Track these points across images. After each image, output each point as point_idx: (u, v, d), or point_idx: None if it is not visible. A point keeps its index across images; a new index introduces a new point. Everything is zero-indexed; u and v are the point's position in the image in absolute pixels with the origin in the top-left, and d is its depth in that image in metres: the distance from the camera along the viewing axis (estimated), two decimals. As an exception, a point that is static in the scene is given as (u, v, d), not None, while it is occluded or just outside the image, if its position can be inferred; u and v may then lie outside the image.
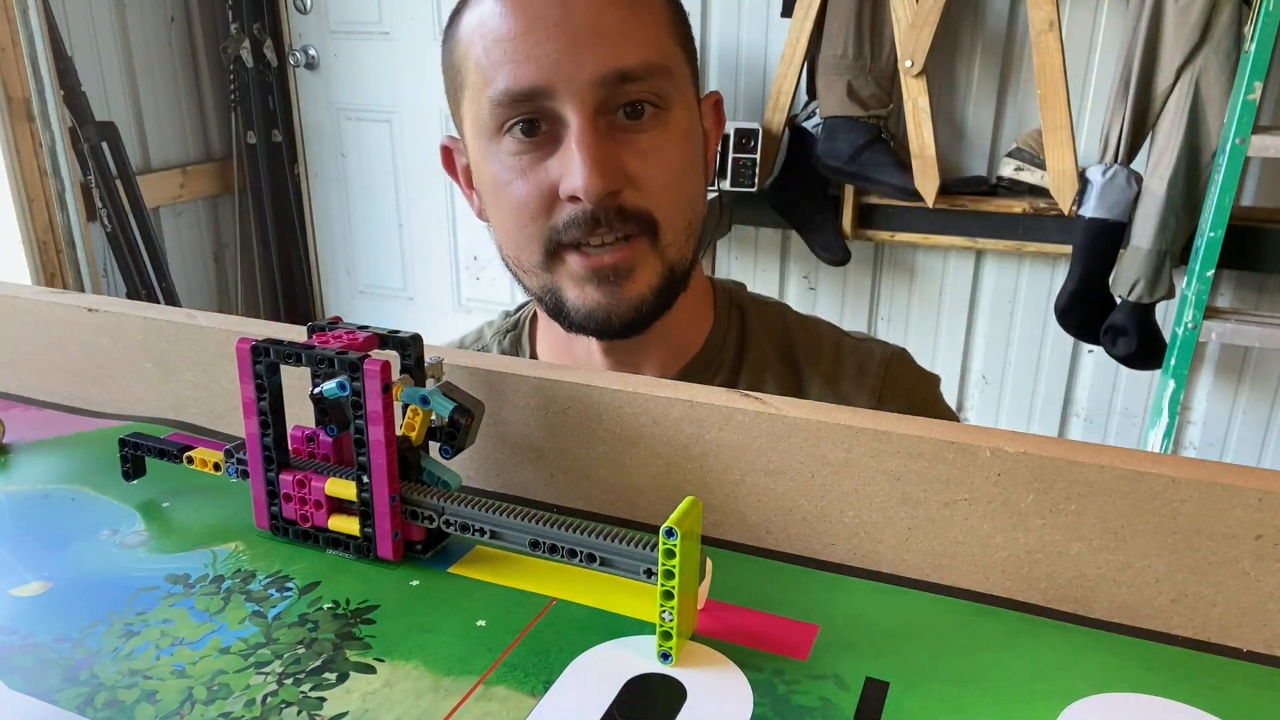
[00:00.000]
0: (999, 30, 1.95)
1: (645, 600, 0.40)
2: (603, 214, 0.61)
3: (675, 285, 0.66)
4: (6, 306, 0.62)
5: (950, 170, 2.00)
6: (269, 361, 0.43)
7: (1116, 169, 1.72)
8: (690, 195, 0.66)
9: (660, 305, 0.66)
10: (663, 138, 0.63)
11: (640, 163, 0.62)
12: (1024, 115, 1.97)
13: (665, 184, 0.63)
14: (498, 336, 0.79)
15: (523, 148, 0.62)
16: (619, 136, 0.61)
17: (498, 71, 0.60)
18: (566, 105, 0.60)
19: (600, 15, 0.59)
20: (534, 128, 0.61)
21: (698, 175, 0.67)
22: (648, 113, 0.62)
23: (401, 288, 2.76)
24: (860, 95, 1.89)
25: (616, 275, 0.63)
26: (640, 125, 0.62)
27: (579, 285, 0.64)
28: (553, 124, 0.61)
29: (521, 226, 0.64)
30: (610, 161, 0.60)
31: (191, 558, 0.44)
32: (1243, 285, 1.91)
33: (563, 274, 0.64)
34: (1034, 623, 0.40)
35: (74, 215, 2.24)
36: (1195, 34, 1.61)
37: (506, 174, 0.63)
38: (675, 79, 0.63)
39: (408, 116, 2.55)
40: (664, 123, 0.63)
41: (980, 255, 2.07)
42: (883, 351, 0.75)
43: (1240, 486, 0.37)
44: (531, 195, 0.62)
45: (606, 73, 0.59)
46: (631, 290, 0.64)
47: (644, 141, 0.62)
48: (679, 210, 0.64)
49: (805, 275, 2.22)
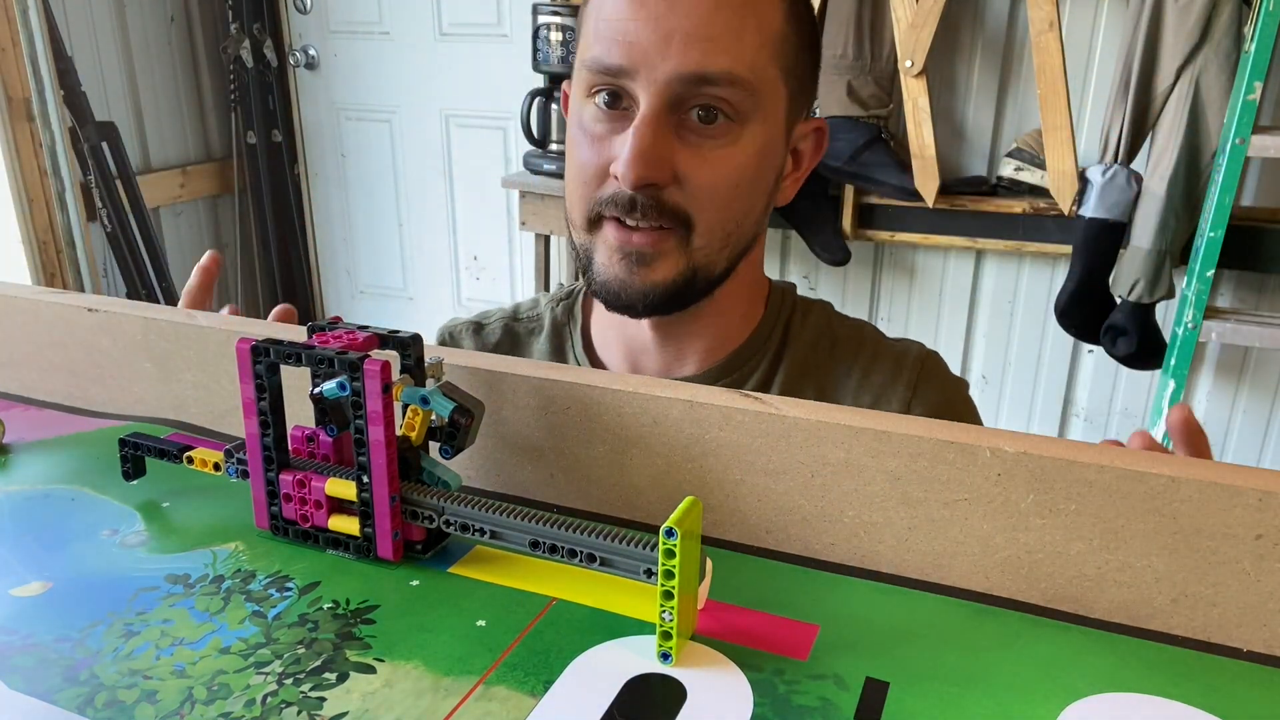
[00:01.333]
0: (999, 30, 1.95)
1: (645, 600, 0.40)
2: (640, 199, 0.64)
3: (697, 287, 0.68)
4: (6, 306, 0.62)
5: (950, 170, 2.00)
6: (269, 361, 0.43)
7: (1116, 169, 1.72)
8: (738, 210, 0.67)
9: (672, 300, 0.68)
10: (728, 149, 0.64)
11: (694, 165, 0.64)
12: (1024, 115, 1.97)
13: (713, 191, 0.65)
14: (551, 304, 0.82)
15: (601, 116, 0.66)
16: (685, 135, 0.64)
17: (597, 41, 0.64)
18: (641, 90, 0.63)
19: (702, 18, 0.62)
20: (616, 100, 0.65)
21: (755, 194, 0.68)
22: (720, 121, 0.64)
23: (401, 288, 2.76)
24: (860, 95, 1.89)
25: (640, 257, 0.66)
26: (710, 131, 0.64)
27: (608, 254, 0.67)
28: (631, 104, 0.64)
29: (576, 187, 0.68)
30: (659, 154, 0.63)
31: (191, 558, 0.44)
32: (1243, 285, 1.91)
33: (599, 240, 0.68)
34: (1034, 623, 0.40)
35: (74, 215, 2.24)
36: (1195, 34, 1.61)
37: (581, 135, 0.67)
38: (760, 98, 0.64)
39: (408, 116, 2.55)
40: (734, 135, 0.64)
41: (980, 255, 2.07)
42: (919, 350, 0.77)
43: (1240, 486, 0.37)
44: (590, 162, 0.66)
45: (686, 72, 0.62)
46: (648, 276, 0.66)
47: (707, 147, 0.64)
48: (720, 220, 0.66)
49: (805, 275, 2.22)
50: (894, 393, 0.74)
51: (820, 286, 2.21)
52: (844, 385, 0.75)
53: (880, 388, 0.74)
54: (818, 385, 0.75)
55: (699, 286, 0.68)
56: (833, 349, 0.77)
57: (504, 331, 0.82)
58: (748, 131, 0.65)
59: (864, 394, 0.74)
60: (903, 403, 0.74)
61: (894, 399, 0.74)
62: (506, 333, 0.81)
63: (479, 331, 0.82)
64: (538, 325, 0.81)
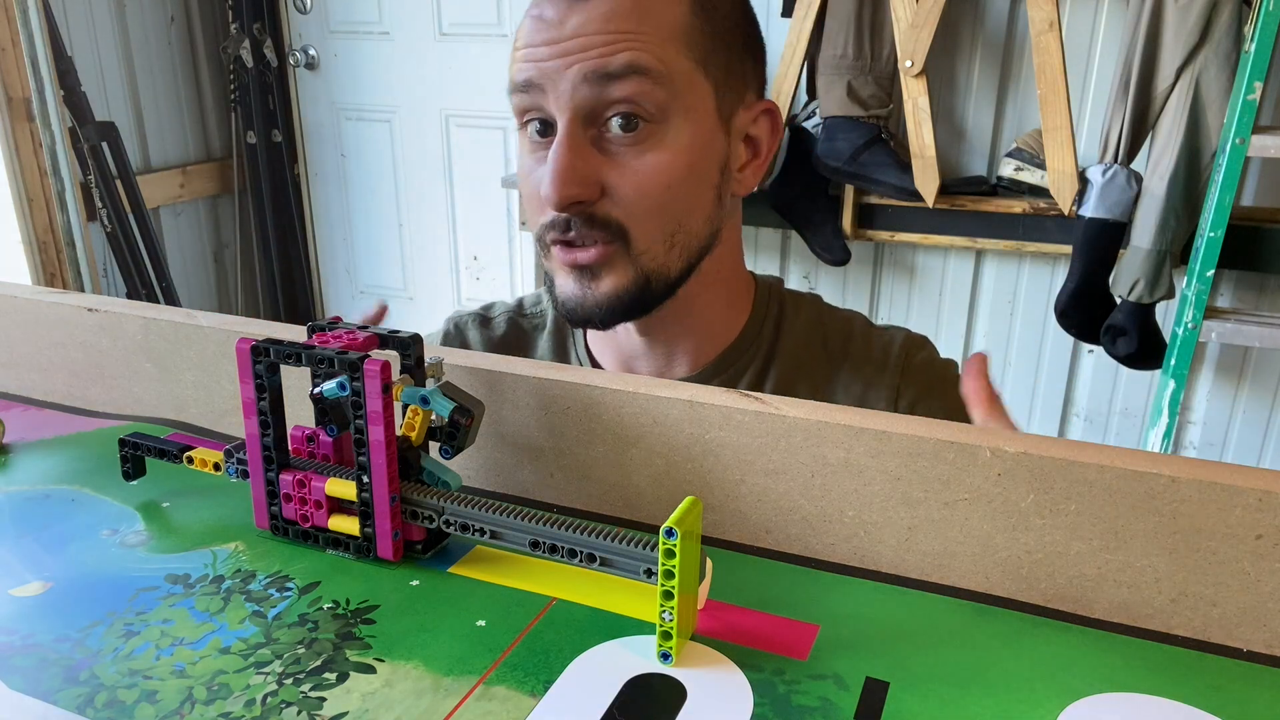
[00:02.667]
0: (999, 30, 1.95)
1: (645, 600, 0.40)
2: (572, 220, 0.64)
3: (654, 291, 0.67)
4: (6, 306, 0.62)
5: (950, 170, 2.00)
6: (269, 361, 0.43)
7: (1116, 169, 1.72)
8: (677, 211, 0.66)
9: (631, 307, 0.67)
10: (653, 154, 0.63)
11: (619, 175, 0.63)
12: (1024, 115, 1.97)
13: (642, 197, 0.64)
14: None
15: (535, 145, 0.67)
16: (606, 148, 0.63)
17: (513, 67, 0.66)
18: (554, 108, 0.63)
19: (597, 24, 0.62)
20: (547, 129, 0.65)
21: (695, 192, 0.67)
22: (640, 127, 0.63)
23: (401, 288, 2.76)
24: (860, 95, 1.89)
25: (589, 271, 0.66)
26: (631, 139, 0.63)
27: (563, 274, 0.68)
28: (554, 130, 0.64)
29: (528, 218, 0.70)
30: (580, 171, 0.62)
31: (191, 558, 0.44)
32: (1243, 285, 1.91)
33: (553, 262, 0.69)
34: (1034, 623, 0.40)
35: (74, 215, 2.24)
36: (1195, 34, 1.61)
37: (522, 167, 0.69)
38: (676, 91, 0.63)
39: (408, 116, 2.55)
40: (657, 137, 0.63)
41: (980, 255, 2.07)
42: (905, 335, 0.78)
43: (1240, 486, 0.37)
44: (530, 195, 0.67)
45: (588, 70, 0.61)
46: (599, 288, 0.66)
47: (630, 155, 0.63)
48: (657, 225, 0.65)
49: (805, 275, 2.22)
50: (883, 378, 0.75)
51: (820, 286, 2.21)
52: (836, 377, 0.75)
53: (869, 376, 0.75)
54: (811, 379, 0.75)
55: (656, 290, 0.67)
56: (825, 342, 0.77)
57: (509, 325, 0.82)
58: (671, 131, 0.63)
59: (854, 383, 0.75)
60: (891, 388, 0.74)
61: (883, 384, 0.74)
62: (512, 326, 0.82)
63: (485, 324, 0.83)
64: (541, 321, 0.82)
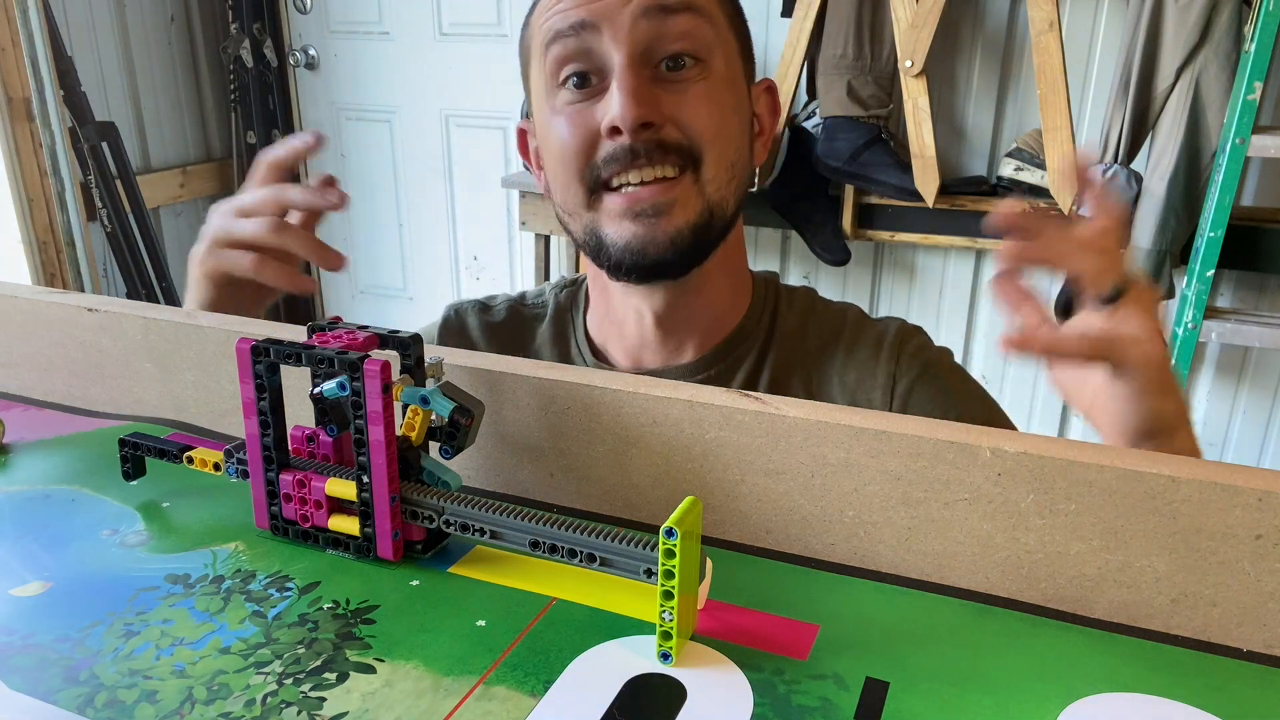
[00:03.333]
0: (999, 30, 1.95)
1: (645, 600, 0.40)
2: (641, 147, 0.64)
3: (714, 228, 0.68)
4: (6, 306, 0.62)
5: (950, 170, 2.00)
6: (269, 361, 0.43)
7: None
8: (732, 138, 0.68)
9: (697, 247, 0.67)
10: (705, 84, 0.66)
11: (681, 105, 0.65)
12: (1024, 115, 1.97)
13: (708, 120, 0.66)
14: (555, 290, 0.83)
15: (574, 97, 0.66)
16: (662, 84, 0.65)
17: (549, 20, 0.66)
18: (609, 44, 0.64)
19: None
20: (585, 80, 0.66)
21: (740, 124, 0.70)
22: (689, 65, 0.65)
23: (401, 288, 2.76)
24: (860, 95, 1.89)
25: (655, 209, 0.65)
26: (681, 75, 0.65)
27: (617, 221, 0.67)
28: (602, 75, 0.65)
29: (565, 165, 0.67)
30: (649, 97, 0.64)
31: (191, 558, 0.44)
32: (1243, 285, 1.91)
33: (602, 212, 0.68)
34: (1034, 623, 0.40)
35: (74, 215, 2.24)
36: (1195, 34, 1.61)
37: (557, 120, 0.67)
38: (715, 26, 0.66)
39: (408, 116, 2.55)
40: (704, 70, 0.66)
41: (980, 255, 2.07)
42: (899, 325, 0.78)
43: (1240, 486, 0.37)
44: (576, 135, 0.66)
45: (647, 5, 0.63)
46: (668, 225, 0.66)
47: (686, 89, 0.65)
48: (723, 149, 0.67)
49: (805, 275, 2.22)
50: (878, 367, 0.75)
51: (820, 286, 2.21)
52: (830, 366, 0.76)
53: (863, 364, 0.75)
54: (805, 369, 0.75)
55: (716, 227, 0.68)
56: (819, 331, 0.77)
57: (509, 313, 0.82)
58: (714, 66, 0.67)
59: (849, 371, 0.75)
60: (888, 375, 0.74)
61: (879, 373, 0.74)
62: (512, 313, 0.82)
63: (485, 311, 0.82)
64: (542, 311, 0.82)
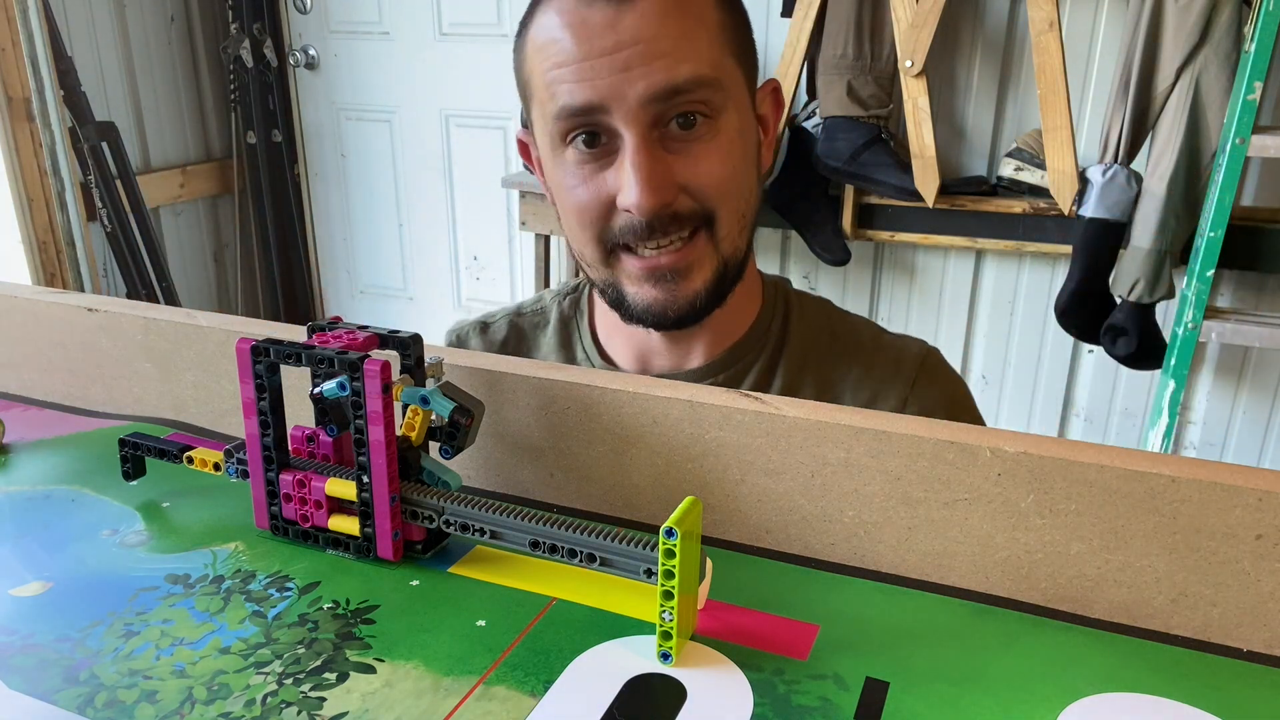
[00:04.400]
0: (999, 30, 1.95)
1: (645, 600, 0.40)
2: (657, 222, 0.65)
3: (729, 278, 0.70)
4: (6, 306, 0.62)
5: (950, 170, 2.00)
6: (269, 361, 0.43)
7: (1116, 169, 1.72)
8: (743, 189, 0.69)
9: (715, 298, 0.70)
10: (714, 143, 0.66)
11: (693, 169, 0.66)
12: (1024, 115, 1.97)
13: (718, 184, 0.67)
14: (557, 298, 0.83)
15: (584, 157, 0.67)
16: (672, 146, 0.65)
17: (558, 90, 0.65)
18: (620, 122, 0.64)
19: (650, 38, 0.63)
20: (594, 139, 0.66)
21: (749, 169, 0.71)
22: (699, 122, 0.65)
23: (401, 288, 2.76)
24: (860, 95, 1.89)
25: (674, 274, 0.68)
26: (693, 134, 0.65)
27: (637, 283, 0.69)
28: (611, 137, 0.65)
29: (584, 228, 0.69)
30: (662, 175, 0.64)
31: (191, 558, 0.44)
32: (1243, 285, 1.91)
33: (621, 271, 0.69)
34: (1034, 623, 0.40)
35: (74, 215, 2.24)
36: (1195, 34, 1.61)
37: (570, 179, 0.68)
38: (726, 88, 0.66)
39: (408, 116, 2.55)
40: (715, 129, 0.66)
41: (980, 255, 2.07)
42: (919, 348, 0.78)
43: (1240, 486, 0.37)
44: (592, 201, 0.67)
45: (656, 91, 0.63)
46: (687, 288, 0.68)
47: (697, 149, 0.66)
48: (734, 203, 0.68)
49: (805, 275, 2.22)
50: (892, 389, 0.74)
51: (820, 286, 2.21)
52: (844, 381, 0.75)
53: (879, 383, 0.75)
54: (817, 379, 0.75)
55: (730, 275, 0.70)
56: (832, 344, 0.77)
57: (510, 327, 0.82)
58: (724, 121, 0.67)
59: (863, 390, 0.75)
60: (900, 399, 0.74)
61: (892, 395, 0.74)
62: (512, 329, 0.82)
63: (485, 331, 0.83)
64: (543, 319, 0.82)
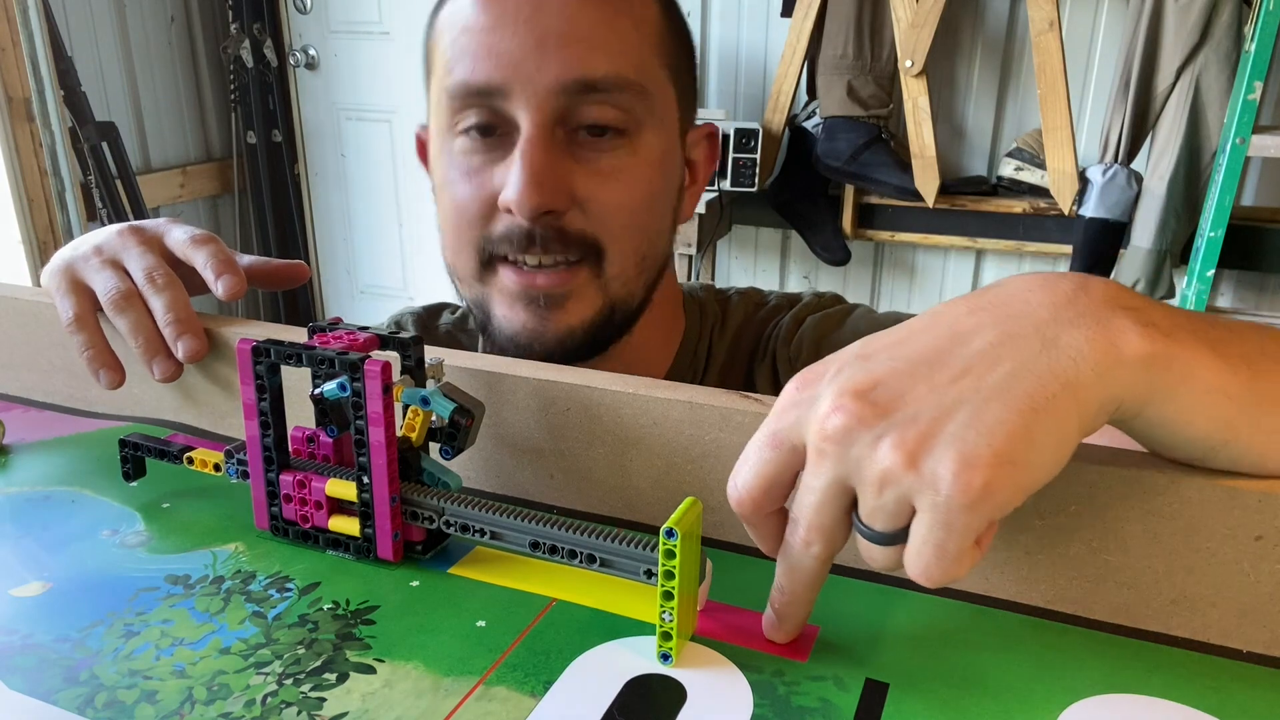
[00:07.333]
0: (999, 30, 1.95)
1: (645, 601, 0.40)
2: (538, 232, 0.56)
3: (615, 323, 0.61)
4: (6, 306, 0.62)
5: (950, 170, 2.01)
6: (269, 362, 0.43)
7: (1116, 169, 1.72)
8: (650, 229, 0.60)
9: (592, 343, 0.60)
10: (627, 161, 0.57)
11: (594, 185, 0.57)
12: (1024, 115, 1.97)
13: (619, 209, 0.58)
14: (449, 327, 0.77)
15: (474, 148, 0.58)
16: (576, 153, 0.57)
17: (458, 62, 0.56)
18: (520, 109, 0.55)
19: (575, 18, 0.55)
20: (489, 129, 0.57)
21: (663, 209, 0.61)
22: (610, 135, 0.57)
23: (401, 288, 2.76)
24: (860, 95, 1.89)
25: (548, 300, 0.58)
26: (601, 144, 0.57)
27: (509, 303, 0.59)
28: (508, 129, 0.57)
29: (459, 231, 0.60)
30: (555, 177, 0.55)
31: (191, 558, 0.44)
32: (1243, 285, 1.91)
33: (494, 287, 0.60)
34: (1034, 624, 0.40)
35: (74, 215, 2.24)
36: (1195, 34, 1.61)
37: (453, 173, 0.59)
38: (651, 101, 0.58)
39: (408, 116, 2.55)
40: (630, 146, 0.58)
41: (980, 255, 2.07)
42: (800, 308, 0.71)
43: (1240, 487, 0.37)
44: (472, 199, 0.58)
45: (569, 80, 0.54)
46: (561, 320, 0.59)
47: (604, 162, 0.57)
48: (632, 243, 0.59)
49: (805, 275, 2.22)
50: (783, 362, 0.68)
51: (820, 286, 2.21)
52: (754, 377, 0.69)
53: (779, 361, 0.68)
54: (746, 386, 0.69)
55: (617, 323, 0.60)
56: (750, 348, 0.71)
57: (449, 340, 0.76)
58: (644, 140, 0.58)
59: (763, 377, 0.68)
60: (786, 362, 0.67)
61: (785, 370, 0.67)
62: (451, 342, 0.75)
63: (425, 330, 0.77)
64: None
